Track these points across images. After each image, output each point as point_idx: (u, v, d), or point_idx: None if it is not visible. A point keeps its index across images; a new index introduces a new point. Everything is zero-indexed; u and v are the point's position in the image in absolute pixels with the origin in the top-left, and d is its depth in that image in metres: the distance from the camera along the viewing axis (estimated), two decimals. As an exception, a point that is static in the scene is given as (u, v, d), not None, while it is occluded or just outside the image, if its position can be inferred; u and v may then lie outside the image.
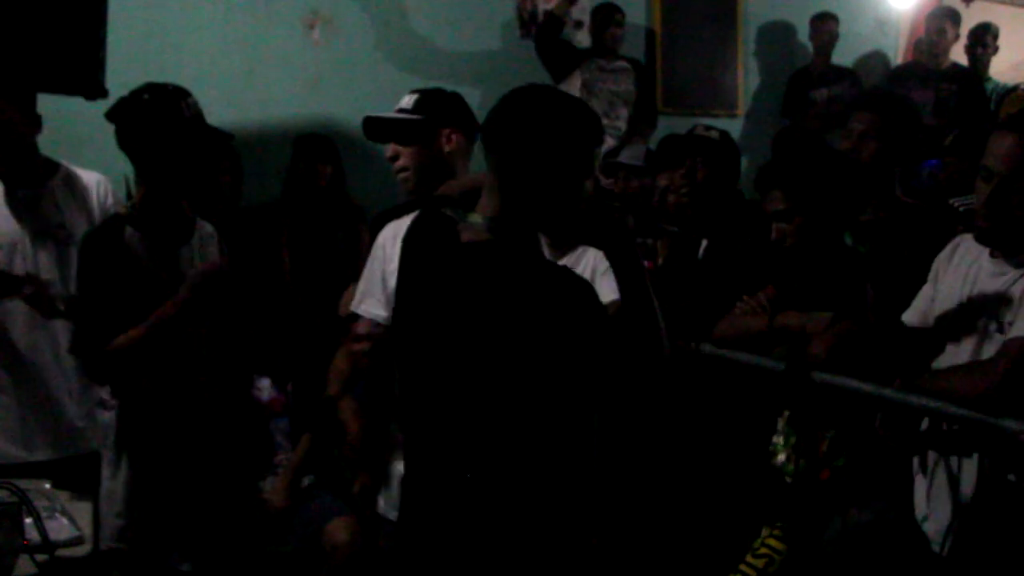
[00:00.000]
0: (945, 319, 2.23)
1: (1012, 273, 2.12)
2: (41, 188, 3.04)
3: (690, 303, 2.92)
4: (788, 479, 2.60)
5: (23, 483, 2.33)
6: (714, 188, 3.12)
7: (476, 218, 1.83)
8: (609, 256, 1.88)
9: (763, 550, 2.63)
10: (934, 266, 2.32)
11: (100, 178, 3.17)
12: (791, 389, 2.51)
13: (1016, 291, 2.10)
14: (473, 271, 1.80)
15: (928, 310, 2.30)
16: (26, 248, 2.99)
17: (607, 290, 3.22)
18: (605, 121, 5.33)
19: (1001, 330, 2.10)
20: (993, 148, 2.09)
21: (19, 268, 2.96)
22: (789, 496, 2.59)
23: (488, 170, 1.85)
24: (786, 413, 2.66)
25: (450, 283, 1.83)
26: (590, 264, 3.19)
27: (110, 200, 3.14)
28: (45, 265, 2.99)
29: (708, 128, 3.25)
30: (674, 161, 3.92)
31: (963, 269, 2.24)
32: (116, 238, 2.57)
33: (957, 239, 2.30)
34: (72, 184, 3.10)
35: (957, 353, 2.19)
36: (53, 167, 3.11)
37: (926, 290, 2.33)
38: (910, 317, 2.34)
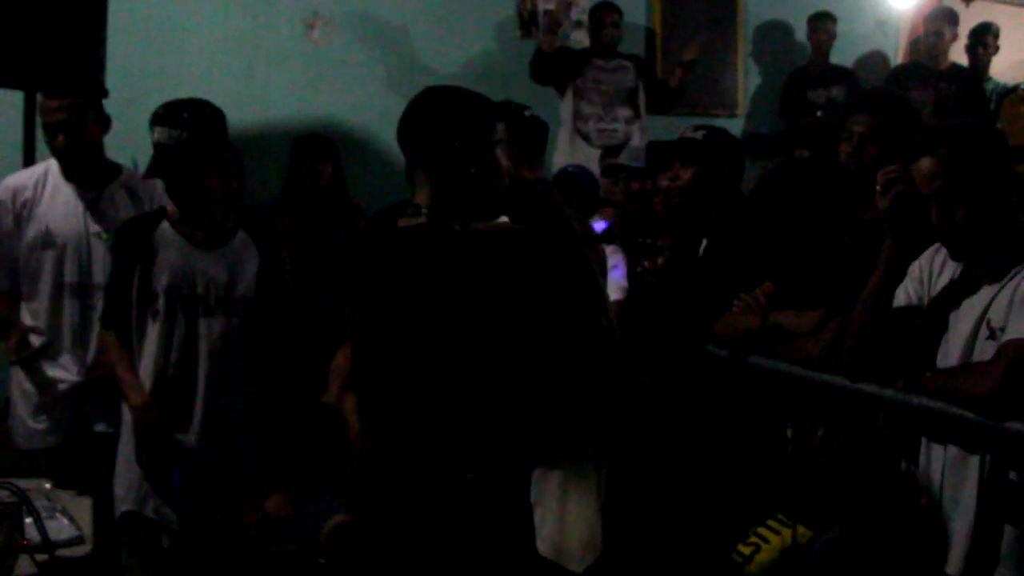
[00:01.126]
0: (933, 328, 2.23)
1: (995, 281, 2.13)
2: (101, 191, 3.10)
3: (690, 302, 2.92)
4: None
5: (23, 483, 2.33)
6: (707, 187, 3.10)
7: (418, 208, 1.98)
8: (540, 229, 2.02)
9: (753, 538, 2.64)
10: (913, 269, 2.32)
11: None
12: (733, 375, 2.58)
13: (1003, 298, 2.11)
14: (409, 249, 1.96)
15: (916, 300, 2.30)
16: (82, 248, 3.06)
17: (613, 288, 3.24)
18: (601, 123, 5.32)
19: (992, 336, 2.11)
20: (916, 172, 2.15)
21: (71, 267, 3.06)
22: (789, 485, 2.60)
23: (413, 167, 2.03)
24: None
25: (390, 263, 1.99)
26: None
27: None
28: (97, 268, 3.07)
29: (697, 128, 3.22)
30: (665, 164, 3.92)
31: (945, 279, 2.25)
32: (146, 229, 2.75)
33: (935, 246, 2.31)
34: (134, 188, 3.14)
35: (947, 362, 2.20)
36: (116, 170, 3.16)
37: (901, 291, 2.32)
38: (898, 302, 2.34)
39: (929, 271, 2.29)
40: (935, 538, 2.20)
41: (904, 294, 2.30)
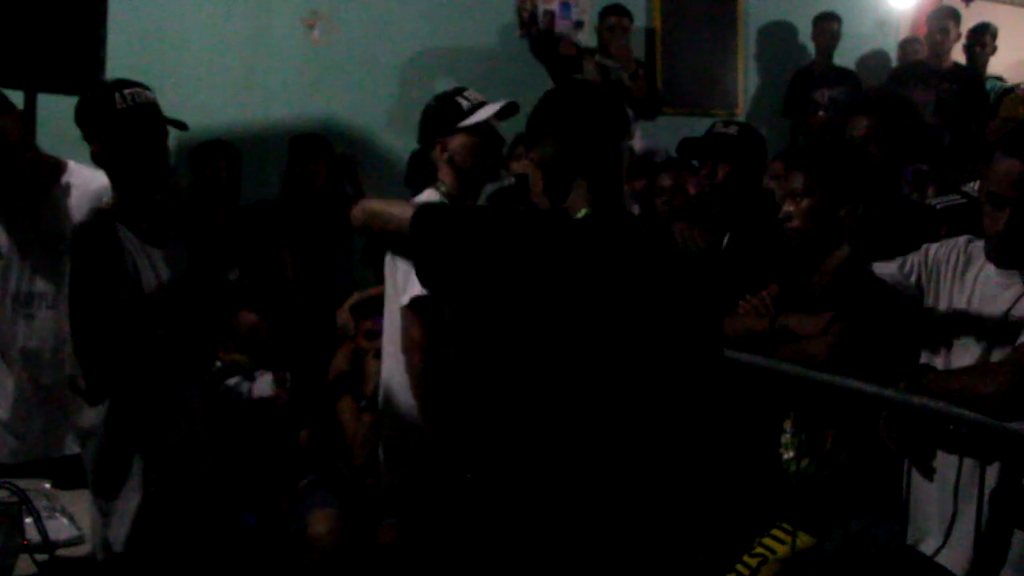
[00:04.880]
0: (951, 326, 2.22)
1: (1022, 284, 2.11)
2: (40, 195, 2.80)
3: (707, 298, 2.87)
4: (792, 476, 2.58)
5: (23, 483, 2.32)
6: (738, 183, 3.08)
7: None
8: None
9: (759, 549, 2.62)
10: (933, 255, 2.30)
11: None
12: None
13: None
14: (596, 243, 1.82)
15: (904, 279, 2.30)
16: (17, 260, 2.79)
17: None
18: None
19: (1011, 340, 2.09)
20: (998, 173, 2.07)
21: (11, 281, 2.79)
22: (793, 494, 2.58)
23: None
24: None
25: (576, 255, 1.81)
26: None
27: None
28: (40, 279, 2.79)
29: (728, 124, 3.19)
30: (680, 162, 3.89)
31: (969, 277, 2.22)
32: (110, 232, 2.42)
33: (963, 243, 2.28)
34: (82, 187, 2.81)
35: (964, 361, 2.18)
36: (57, 170, 2.84)
37: (913, 259, 2.31)
38: (886, 269, 2.33)
39: (955, 266, 2.25)
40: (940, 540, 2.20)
41: (906, 266, 2.29)
